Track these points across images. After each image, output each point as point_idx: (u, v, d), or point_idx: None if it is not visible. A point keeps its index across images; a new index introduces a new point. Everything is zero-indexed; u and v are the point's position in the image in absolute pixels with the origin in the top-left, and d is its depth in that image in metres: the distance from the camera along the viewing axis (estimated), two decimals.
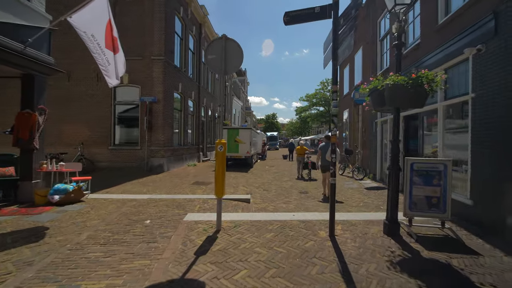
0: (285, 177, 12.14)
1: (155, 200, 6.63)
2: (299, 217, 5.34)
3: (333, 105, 4.14)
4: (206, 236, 4.14)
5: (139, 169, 12.32)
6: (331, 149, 4.23)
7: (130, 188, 8.47)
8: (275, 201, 7.28)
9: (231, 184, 9.74)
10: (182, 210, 5.70)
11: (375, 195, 8.04)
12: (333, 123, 4.16)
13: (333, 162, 4.17)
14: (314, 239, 4.15)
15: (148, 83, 12.57)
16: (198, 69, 17.99)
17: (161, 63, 12.51)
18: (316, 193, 8.43)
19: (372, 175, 11.36)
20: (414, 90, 3.87)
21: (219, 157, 4.34)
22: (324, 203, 6.98)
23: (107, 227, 4.51)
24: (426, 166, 4.58)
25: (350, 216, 5.46)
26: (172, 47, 13.62)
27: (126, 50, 13.12)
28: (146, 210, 5.64)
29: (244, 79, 48.86)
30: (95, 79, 12.59)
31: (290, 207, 6.55)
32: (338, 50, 4.19)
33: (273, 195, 8.11)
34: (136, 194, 7.45)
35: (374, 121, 11.21)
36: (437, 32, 6.43)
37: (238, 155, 15.09)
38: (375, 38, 11.54)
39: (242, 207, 6.33)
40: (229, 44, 4.48)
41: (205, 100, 19.50)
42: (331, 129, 4.21)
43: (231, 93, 32.78)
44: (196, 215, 5.30)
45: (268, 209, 6.37)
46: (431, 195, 4.58)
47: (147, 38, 12.57)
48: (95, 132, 12.58)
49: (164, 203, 6.25)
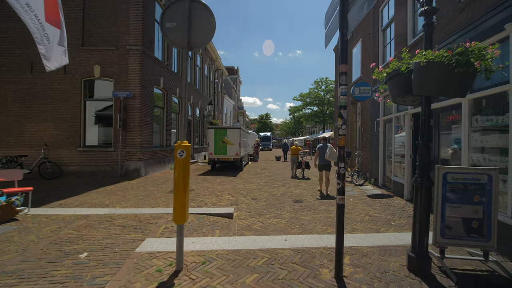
0: (278, 182, 10.90)
1: (112, 216, 5.28)
2: (293, 242, 4.07)
3: (341, 92, 2.89)
4: (157, 283, 2.84)
5: (112, 174, 10.91)
6: (339, 154, 2.97)
7: (91, 199, 7.08)
8: (264, 215, 6.02)
9: (214, 192, 8.43)
10: (140, 233, 4.37)
11: (381, 206, 6.85)
12: (341, 118, 2.90)
13: (341, 173, 2.92)
14: (314, 285, 2.88)
15: (123, 76, 11.16)
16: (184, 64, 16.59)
17: (138, 54, 11.11)
18: (312, 202, 7.21)
19: (373, 180, 10.19)
20: (460, 70, 2.64)
21: (179, 166, 3.05)
22: (322, 206, 5.75)
23: (20, 266, 3.17)
24: (464, 178, 3.37)
25: (358, 239, 4.22)
26: (152, 37, 12.23)
27: (98, 39, 11.81)
28: (91, 234, 4.30)
29: (237, 78, 47.50)
30: (62, 71, 11.12)
31: (282, 225, 5.29)
32: (348, 13, 2.94)
33: (263, 206, 6.85)
34: (93, 208, 6.08)
35: (376, 120, 10.05)
36: (461, 11, 5.26)
37: (226, 157, 13.77)
38: (376, 28, 10.39)
39: (221, 226, 5.04)
40: (195, 7, 3.19)
41: (192, 97, 18.13)
42: (340, 127, 2.96)
43: (222, 92, 31.40)
44: (157, 241, 3.99)
45: (254, 227, 5.10)
46: (471, 217, 3.38)
47: (122, 26, 11.17)
48: (61, 131, 11.10)
49: (121, 222, 4.91)
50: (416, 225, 3.25)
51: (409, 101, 3.51)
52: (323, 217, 5.86)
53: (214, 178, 11.40)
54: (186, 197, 3.12)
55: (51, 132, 11.09)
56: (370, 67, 10.75)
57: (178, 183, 3.06)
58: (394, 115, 8.40)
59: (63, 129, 11.14)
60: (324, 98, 44.87)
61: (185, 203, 3.11)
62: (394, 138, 8.47)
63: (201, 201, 7.21)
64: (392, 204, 7.01)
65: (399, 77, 3.26)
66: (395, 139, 8.46)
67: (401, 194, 7.70)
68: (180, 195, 3.07)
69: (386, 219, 5.70)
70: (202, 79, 21.56)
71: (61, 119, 11.12)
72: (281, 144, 30.11)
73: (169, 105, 14.24)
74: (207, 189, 8.92)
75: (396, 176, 8.33)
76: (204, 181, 10.55)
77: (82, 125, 11.34)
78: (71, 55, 11.38)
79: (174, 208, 3.09)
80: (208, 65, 23.34)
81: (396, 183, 8.16)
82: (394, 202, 7.26)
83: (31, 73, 11.06)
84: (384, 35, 9.90)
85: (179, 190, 3.06)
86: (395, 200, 7.49)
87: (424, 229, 3.20)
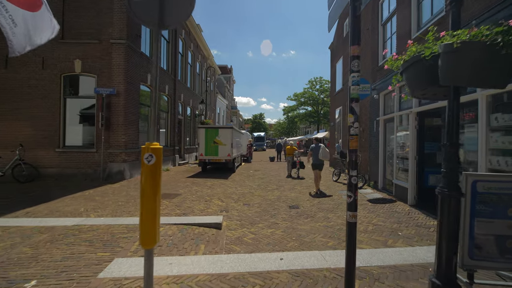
0: (272, 184, 10.28)
1: (81, 228, 4.58)
2: (290, 262, 3.45)
3: (352, 81, 2.28)
4: None
5: (94, 177, 10.14)
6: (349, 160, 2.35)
7: (64, 206, 6.35)
8: (257, 224, 5.40)
9: (203, 197, 7.77)
10: (109, 251, 3.69)
11: (385, 212, 6.28)
12: (352, 114, 2.29)
13: (353, 183, 2.31)
14: None
15: (106, 72, 10.39)
16: (174, 60, 15.87)
17: (122, 48, 10.36)
18: (309, 207, 6.60)
19: (373, 183, 9.65)
20: (509, 52, 2.06)
21: (146, 175, 2.40)
22: (320, 212, 5.14)
23: None
24: (498, 187, 2.79)
25: (366, 257, 3.62)
26: (138, 30, 11.47)
27: (79, 31, 11.01)
28: (50, 253, 3.60)
29: (230, 77, 46.78)
30: (39, 65, 10.32)
31: (277, 236, 4.66)
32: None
33: (255, 213, 6.22)
34: (63, 218, 5.36)
35: (376, 119, 9.51)
36: None
37: (218, 158, 13.09)
38: (376, 23, 9.84)
39: (207, 239, 4.39)
40: None
41: (182, 96, 17.39)
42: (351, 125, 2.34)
43: (215, 91, 30.68)
44: (127, 262, 3.32)
45: (245, 240, 4.46)
46: (505, 234, 2.80)
47: (105, 18, 10.40)
48: (39, 131, 10.28)
49: (89, 236, 4.22)
50: (442, 245, 2.65)
51: (429, 94, 2.90)
52: (322, 227, 5.26)
53: (204, 180, 10.72)
54: (157, 213, 2.46)
55: (28, 132, 10.26)
56: (368, 64, 10.25)
57: (146, 196, 2.40)
58: (396, 114, 7.85)
59: (40, 128, 10.31)
60: (318, 98, 44.44)
61: (155, 222, 2.45)
62: (396, 138, 7.92)
63: (188, 207, 6.54)
64: (396, 210, 6.45)
65: (419, 65, 2.66)
66: (397, 139, 7.91)
67: (404, 198, 7.15)
68: (149, 212, 2.41)
69: (392, 229, 5.12)
70: (193, 77, 20.81)
71: (38, 117, 10.30)
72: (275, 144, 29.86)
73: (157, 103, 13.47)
74: (196, 193, 8.24)
75: (398, 179, 7.79)
76: (193, 184, 9.86)
77: (62, 124, 10.53)
78: (49, 49, 10.67)
79: (141, 228, 2.43)
80: (200, 63, 22.61)
81: (399, 187, 7.62)
82: (397, 208, 6.70)
83: (5, 67, 10.21)
84: (384, 30, 9.36)
85: (147, 206, 2.40)
86: (399, 205, 6.93)
87: (453, 250, 2.61)
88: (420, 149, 6.89)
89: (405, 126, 7.56)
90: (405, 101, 7.51)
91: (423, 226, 5.24)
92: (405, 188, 7.20)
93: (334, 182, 10.85)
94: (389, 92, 8.60)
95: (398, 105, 7.83)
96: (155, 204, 2.43)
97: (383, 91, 8.85)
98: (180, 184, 9.67)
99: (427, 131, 7.04)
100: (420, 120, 6.88)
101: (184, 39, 17.81)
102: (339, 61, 15.86)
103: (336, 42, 16.86)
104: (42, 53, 10.36)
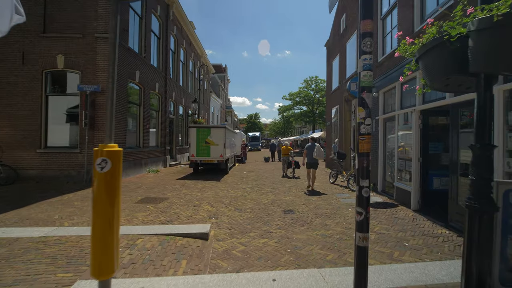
0: (266, 187, 9.78)
1: (47, 241, 4.02)
2: (284, 284, 2.94)
3: (364, 65, 1.79)
4: None
5: (78, 179, 9.53)
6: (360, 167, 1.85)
7: (38, 213, 5.77)
8: (249, 233, 4.89)
9: (192, 201, 7.23)
10: (73, 270, 3.14)
11: (387, 219, 5.82)
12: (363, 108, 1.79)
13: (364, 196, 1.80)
14: None
15: (91, 68, 9.78)
16: (164, 57, 15.27)
17: (108, 43, 9.76)
18: (306, 212, 6.12)
19: (372, 185, 9.20)
20: None
21: (100, 186, 1.87)
22: (317, 218, 4.65)
23: None
24: None
25: (373, 276, 3.12)
26: (126, 24, 10.89)
27: (62, 25, 10.36)
28: (1, 274, 3.04)
29: (224, 76, 46.16)
30: (19, 61, 9.68)
31: (270, 248, 4.16)
32: None
33: (247, 219, 5.72)
34: (31, 227, 4.78)
35: (374, 118, 9.07)
36: None
37: (210, 159, 12.53)
38: (375, 17, 9.40)
39: (191, 253, 3.86)
40: None
41: (174, 94, 16.79)
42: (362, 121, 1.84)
43: (208, 90, 30.08)
44: (92, 286, 2.78)
45: (234, 253, 3.95)
46: None
47: (90, 10, 9.80)
48: (19, 131, 9.64)
49: (54, 251, 3.66)
50: (471, 269, 2.16)
51: (453, 85, 2.42)
52: (320, 236, 4.77)
53: (194, 183, 10.16)
54: (114, 235, 1.93)
55: (6, 131, 9.62)
56: None
57: (100, 215, 1.87)
58: (398, 112, 7.41)
59: (20, 127, 9.67)
60: (314, 98, 44.03)
61: (112, 245, 1.92)
62: (399, 138, 7.47)
63: (174, 213, 6.00)
64: (399, 216, 5.99)
65: (442, 49, 2.17)
66: (399, 138, 7.46)
67: (407, 203, 6.70)
68: (104, 234, 1.88)
69: (397, 238, 4.65)
70: (186, 75, 20.21)
71: (18, 116, 9.66)
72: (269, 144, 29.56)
73: (146, 101, 12.91)
74: (184, 197, 7.70)
75: (400, 182, 7.34)
76: (183, 187, 9.31)
77: (44, 123, 9.90)
78: (30, 43, 10.03)
79: (93, 254, 1.90)
80: (193, 61, 22.01)
81: (400, 190, 7.17)
82: (400, 213, 6.24)
83: None
84: (384, 24, 8.92)
85: (101, 226, 1.87)
86: (401, 210, 6.48)
87: (485, 275, 2.12)
88: (424, 150, 6.45)
89: (407, 125, 7.12)
90: (407, 99, 7.07)
91: (430, 235, 4.78)
92: (407, 191, 6.75)
93: (331, 184, 10.39)
94: (389, 90, 8.15)
95: (400, 103, 7.38)
96: (112, 224, 1.90)
97: (382, 88, 8.40)
98: (169, 187, 9.12)
99: (431, 130, 6.60)
100: (424, 119, 6.44)
101: (176, 36, 17.21)
102: (335, 59, 15.42)
103: (332, 39, 16.41)
104: (22, 48, 9.74)
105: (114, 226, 1.93)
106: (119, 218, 1.98)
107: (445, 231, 4.93)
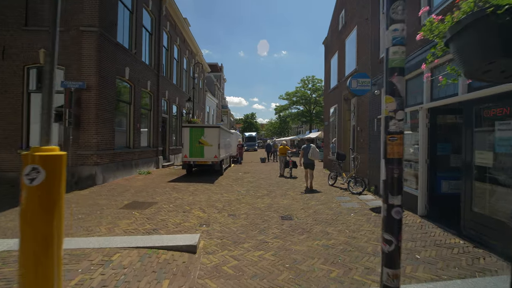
0: (262, 189, 9.28)
1: (9, 256, 3.48)
2: None
3: (393, 38, 1.31)
4: None
5: None
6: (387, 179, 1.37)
7: (8, 221, 5.20)
8: (242, 243, 4.40)
9: (182, 206, 6.71)
10: None
11: None
12: (392, 96, 1.30)
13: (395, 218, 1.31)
14: None
15: (76, 63, 9.19)
16: (157, 54, 14.69)
17: (94, 37, 9.19)
18: (305, 218, 5.64)
19: (373, 188, 8.75)
20: None
21: (29, 205, 1.35)
22: (317, 225, 4.17)
23: None
24: None
25: None
26: (114, 17, 10.32)
27: (44, 18, 9.78)
28: None
29: (220, 75, 45.59)
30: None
31: (266, 263, 3.66)
32: None
33: (241, 227, 5.22)
34: None
35: (376, 118, 8.63)
36: None
37: (203, 160, 11.98)
38: (376, 11, 8.96)
39: (174, 270, 3.34)
40: None
41: (167, 93, 16.21)
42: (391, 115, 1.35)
43: (204, 89, 29.48)
44: None
45: (224, 270, 3.45)
46: None
47: (74, 2, 9.19)
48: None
49: (11, 271, 3.12)
50: None
51: (496, 72, 1.94)
52: (322, 247, 4.29)
53: (186, 185, 9.62)
54: (55, 259, 1.42)
55: None
56: (367, 57, 9.36)
57: (32, 236, 1.36)
58: None
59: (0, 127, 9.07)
60: (310, 97, 43.68)
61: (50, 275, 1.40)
62: None
63: (161, 221, 5.48)
64: (405, 223, 5.53)
65: (484, 25, 1.71)
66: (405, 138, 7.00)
67: (413, 207, 6.24)
68: (38, 266, 1.37)
69: (407, 249, 4.18)
70: (180, 73, 19.63)
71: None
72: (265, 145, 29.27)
73: (137, 100, 12.32)
74: (174, 201, 7.17)
75: (404, 185, 6.88)
76: (174, 189, 8.76)
77: (26, 122, 9.30)
78: (11, 37, 9.42)
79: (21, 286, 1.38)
80: (187, 59, 21.42)
81: (405, 194, 6.69)
82: (407, 219, 5.79)
83: None
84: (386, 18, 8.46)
85: (34, 249, 1.36)
86: (408, 216, 6.03)
87: None
88: (431, 151, 6.00)
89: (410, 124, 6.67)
90: (412, 96, 6.62)
91: (443, 245, 4.31)
92: (413, 195, 6.30)
93: (331, 187, 9.92)
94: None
95: (405, 100, 6.93)
96: (51, 245, 1.39)
97: None
98: (159, 190, 8.57)
99: (439, 130, 6.16)
100: (432, 117, 5.99)
101: (169, 32, 16.63)
102: (334, 57, 14.98)
103: (330, 36, 15.97)
104: (2, 42, 9.14)
105: (53, 249, 1.42)
106: (60, 237, 1.47)
107: (459, 241, 4.47)
